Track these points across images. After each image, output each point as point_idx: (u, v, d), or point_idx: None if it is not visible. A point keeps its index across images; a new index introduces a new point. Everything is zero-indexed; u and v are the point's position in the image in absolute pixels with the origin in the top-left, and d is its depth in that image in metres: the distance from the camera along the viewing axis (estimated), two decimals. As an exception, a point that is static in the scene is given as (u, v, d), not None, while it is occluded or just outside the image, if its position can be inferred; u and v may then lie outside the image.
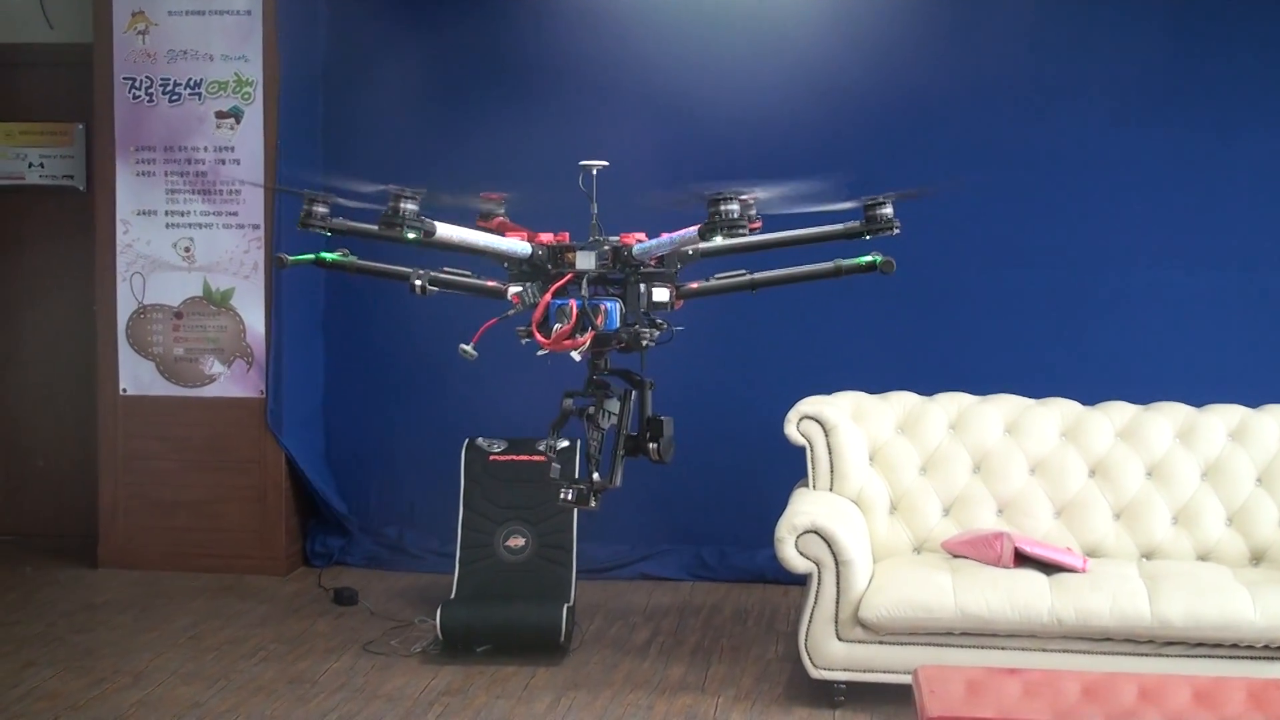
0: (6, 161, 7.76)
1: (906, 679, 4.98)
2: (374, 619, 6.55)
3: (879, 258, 3.78)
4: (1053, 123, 6.93)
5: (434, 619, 6.08)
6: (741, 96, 7.06)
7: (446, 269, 4.08)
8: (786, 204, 3.78)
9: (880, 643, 5.32)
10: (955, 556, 5.63)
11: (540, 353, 3.83)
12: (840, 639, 5.35)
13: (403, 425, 7.49)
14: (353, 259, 4.13)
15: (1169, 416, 5.97)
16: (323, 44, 7.42)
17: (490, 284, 4.00)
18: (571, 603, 6.19)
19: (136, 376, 7.31)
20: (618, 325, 3.84)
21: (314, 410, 7.53)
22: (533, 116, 7.20)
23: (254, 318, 7.20)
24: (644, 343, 3.89)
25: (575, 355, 3.81)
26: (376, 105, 7.38)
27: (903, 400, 6.13)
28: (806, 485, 5.94)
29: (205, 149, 7.15)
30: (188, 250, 7.23)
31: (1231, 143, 6.82)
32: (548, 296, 3.80)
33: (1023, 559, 5.46)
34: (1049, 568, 5.42)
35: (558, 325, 3.75)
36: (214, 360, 7.27)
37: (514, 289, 3.91)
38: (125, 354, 7.30)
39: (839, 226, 3.72)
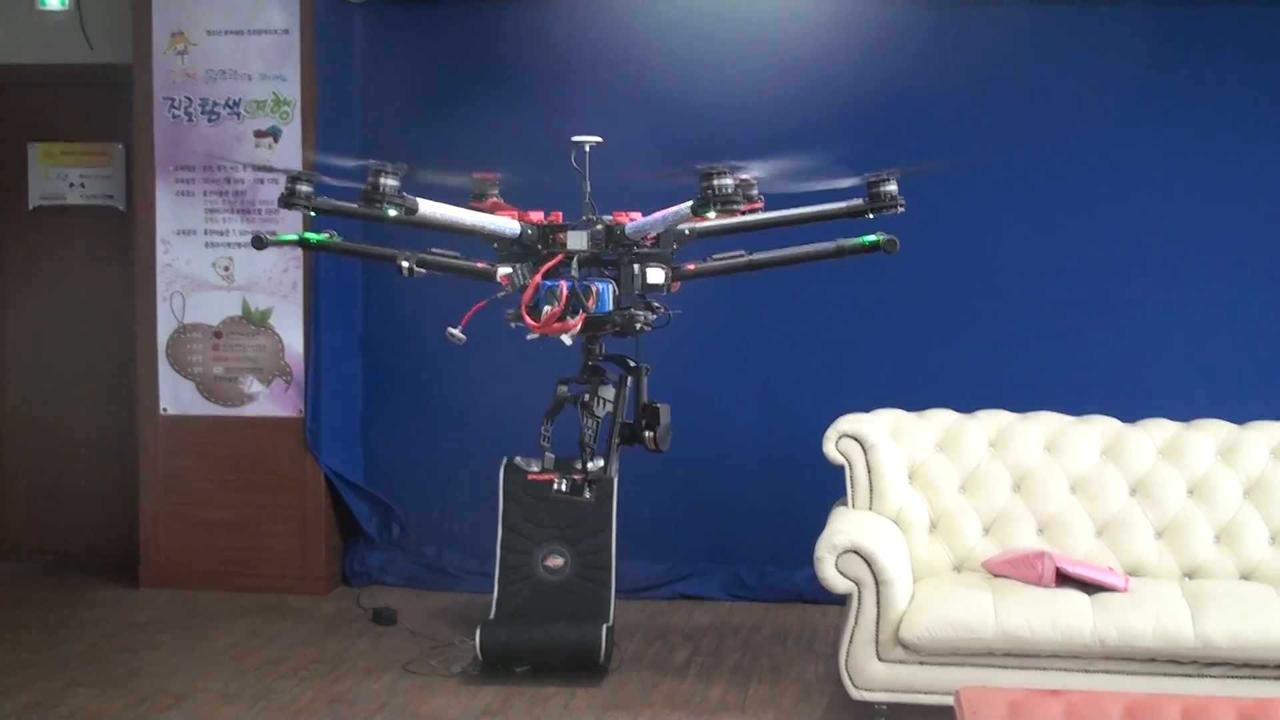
0: (47, 182, 7.86)
1: (947, 700, 5.00)
2: (413, 639, 6.59)
3: (882, 236, 3.70)
4: (1098, 137, 6.95)
5: (473, 639, 6.11)
6: (756, 100, 7.08)
7: (434, 250, 4.01)
8: (788, 181, 3.71)
9: (921, 663, 5.32)
10: (996, 576, 5.62)
11: (530, 336, 3.76)
12: (881, 659, 5.35)
13: (442, 444, 7.53)
14: (338, 240, 4.09)
15: (1211, 434, 5.95)
16: (360, 62, 7.47)
17: (479, 265, 3.91)
18: (610, 623, 6.20)
19: (177, 396, 7.38)
20: (610, 308, 3.75)
21: (353, 429, 7.57)
22: (567, 129, 7.23)
23: (293, 337, 7.26)
24: (638, 326, 3.81)
25: (566, 339, 3.72)
26: (414, 122, 7.42)
27: (942, 418, 6.13)
28: (845, 504, 5.95)
29: (244, 168, 7.21)
30: (227, 270, 7.29)
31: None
32: (537, 278, 3.70)
33: (1064, 578, 5.45)
34: (1091, 587, 5.41)
35: (548, 307, 3.66)
36: (253, 379, 7.33)
37: (503, 270, 3.81)
38: (165, 373, 7.37)
39: (841, 205, 3.62)
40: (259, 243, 4.01)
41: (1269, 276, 6.85)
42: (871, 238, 3.70)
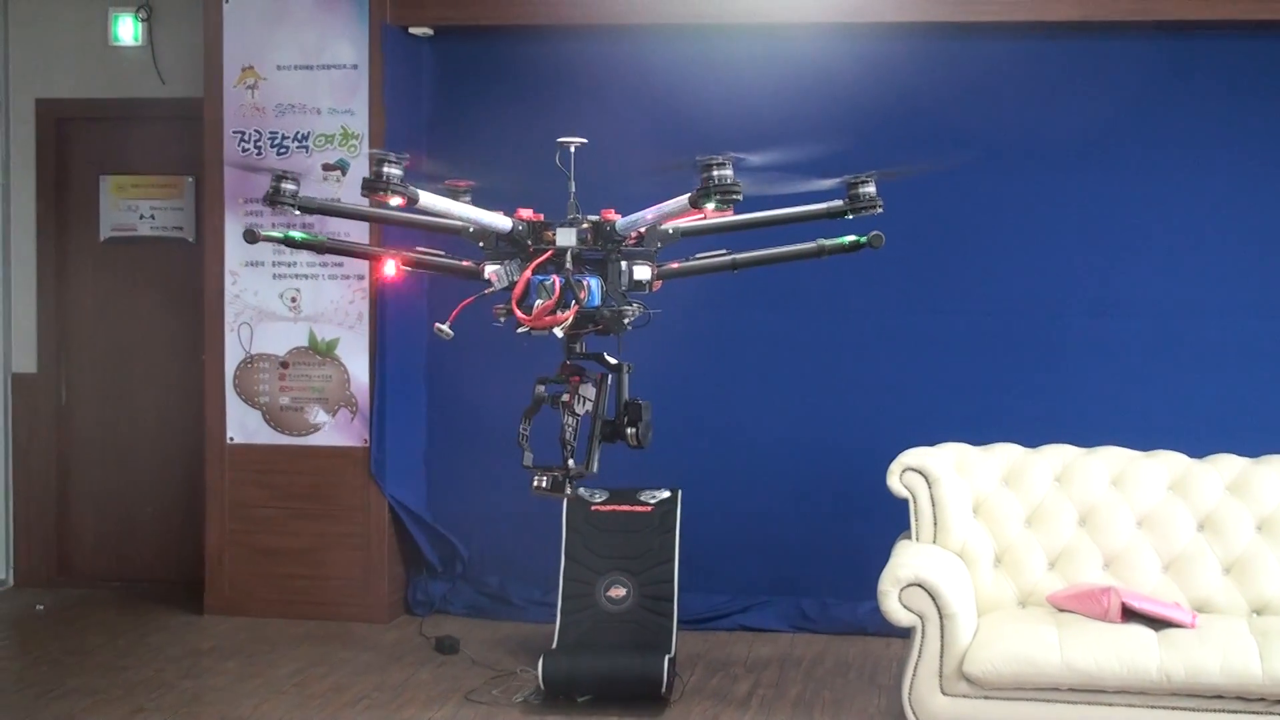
0: (119, 214, 7.97)
1: (1012, 735, 4.98)
2: (475, 668, 6.60)
3: (863, 237, 3.70)
4: (1165, 178, 6.98)
5: (536, 669, 6.12)
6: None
7: (419, 249, 4.06)
8: (771, 179, 3.71)
9: (985, 697, 5.28)
10: (1061, 611, 5.58)
11: (520, 329, 3.77)
12: (944, 693, 5.32)
13: (504, 475, 7.53)
14: (321, 238, 4.14)
15: (1276, 469, 5.89)
16: (426, 97, 7.55)
17: (465, 264, 3.95)
18: (673, 653, 6.20)
19: (243, 425, 7.45)
20: (599, 301, 3.77)
21: (416, 459, 7.62)
22: (625, 155, 7.29)
23: (358, 367, 7.32)
24: (625, 321, 3.83)
25: (558, 332, 3.74)
26: (478, 155, 7.48)
27: (1006, 452, 6.10)
28: (909, 537, 5.92)
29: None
30: (294, 300, 7.37)
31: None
32: (528, 273, 3.72)
33: (1130, 614, 5.40)
34: (1157, 623, 5.36)
35: (539, 301, 3.68)
36: (319, 409, 7.39)
37: (491, 267, 3.84)
38: (233, 403, 7.44)
39: (822, 206, 3.64)
40: (250, 236, 4.08)
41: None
42: (852, 238, 3.71)
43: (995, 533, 5.91)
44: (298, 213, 3.88)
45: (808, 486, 7.23)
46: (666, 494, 6.58)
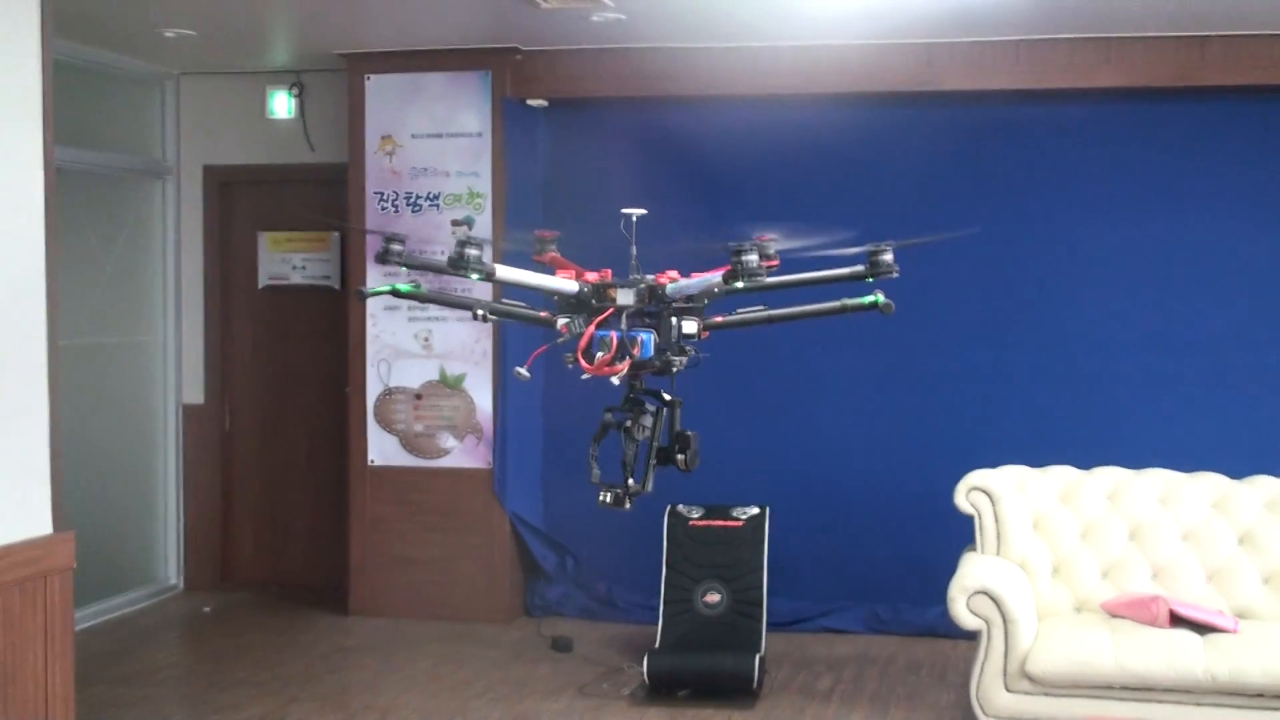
0: (274, 265, 8.10)
1: (1071, 728, 4.92)
2: (587, 664, 6.62)
3: (880, 298, 3.76)
4: (1192, 223, 6.92)
5: (641, 666, 6.14)
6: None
7: (504, 300, 4.21)
8: (806, 249, 3.81)
9: (1045, 694, 5.23)
10: (1114, 617, 5.51)
11: (584, 376, 3.91)
12: (1008, 690, 5.28)
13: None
14: (424, 290, 4.27)
15: (1308, 489, 5.82)
16: (543, 160, 7.61)
17: (542, 314, 4.07)
18: (762, 653, 6.19)
19: (382, 449, 7.52)
20: (651, 354, 3.90)
21: (534, 480, 7.65)
22: (724, 221, 7.33)
23: (483, 399, 7.38)
24: (674, 369, 3.96)
25: (614, 380, 3.87)
26: (590, 211, 7.53)
27: (1062, 473, 6.04)
28: (974, 550, 5.88)
29: (442, 253, 7.28)
30: (426, 340, 7.44)
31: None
32: (591, 328, 3.85)
33: (1177, 620, 5.33)
34: (1202, 628, 5.28)
35: (600, 353, 3.82)
36: (449, 435, 7.45)
37: (562, 320, 3.97)
38: (373, 430, 7.51)
39: (845, 270, 3.72)
40: (361, 295, 4.24)
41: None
42: (870, 298, 3.80)
43: (1053, 546, 5.85)
44: (405, 269, 4.03)
45: (882, 504, 7.19)
46: (756, 510, 6.58)
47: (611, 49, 7.16)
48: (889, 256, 3.65)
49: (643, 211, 4.04)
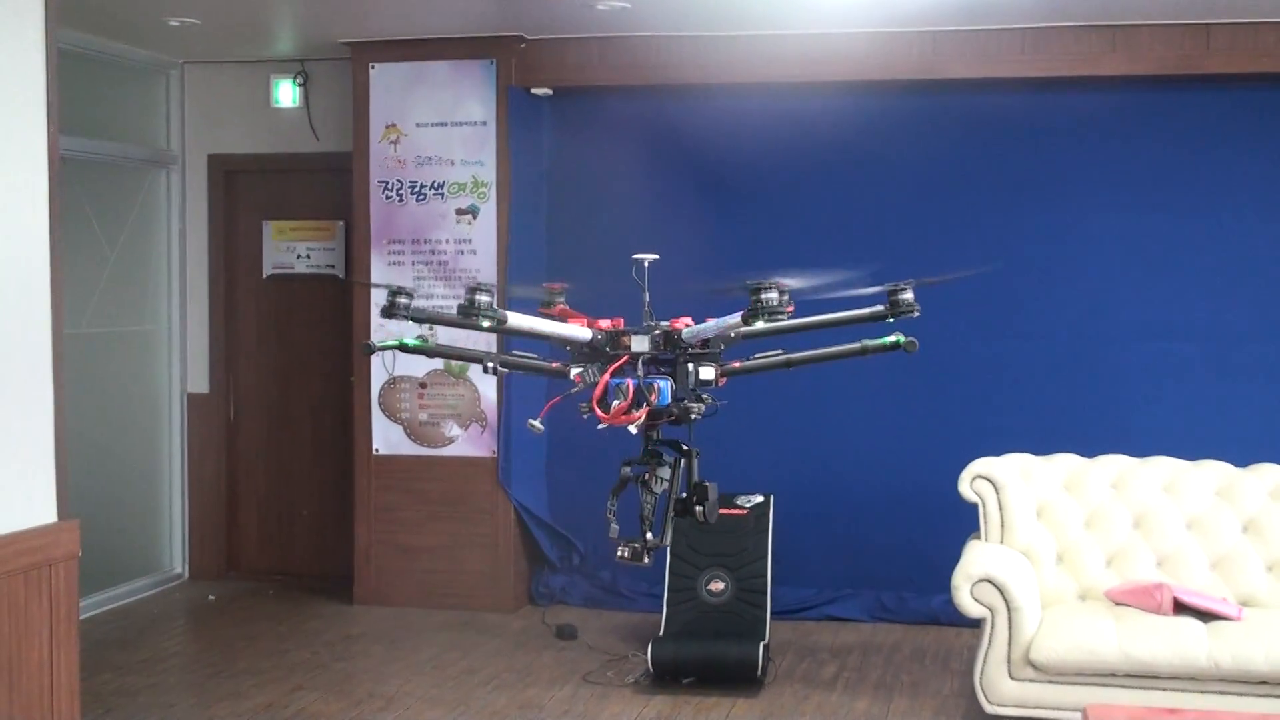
0: (279, 254, 8.10)
1: (1074, 716, 4.94)
2: (592, 652, 6.63)
3: (902, 338, 3.74)
4: (1192, 214, 6.92)
5: (645, 654, 6.16)
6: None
7: (515, 351, 4.17)
8: (821, 290, 3.77)
9: (1049, 682, 5.24)
10: (1118, 604, 5.52)
11: (600, 426, 3.88)
12: (1012, 678, 5.29)
13: (613, 481, 7.56)
14: (432, 343, 4.25)
15: (1315, 476, 5.82)
16: (547, 149, 7.61)
17: (554, 365, 4.06)
18: (766, 640, 6.20)
19: (387, 438, 7.53)
20: (669, 402, 3.86)
21: (538, 468, 7.64)
22: (729, 211, 7.34)
23: (487, 388, 7.38)
24: (692, 417, 3.92)
25: (632, 429, 3.83)
26: (593, 200, 7.56)
27: (1066, 462, 6.05)
28: (978, 538, 5.88)
29: (447, 241, 7.37)
30: (431, 330, 7.43)
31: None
32: (606, 376, 3.81)
33: (1181, 607, 5.34)
34: (1206, 616, 5.29)
35: (616, 402, 3.77)
36: (453, 424, 7.46)
37: (575, 369, 3.93)
38: (378, 419, 7.51)
39: (865, 311, 3.69)
40: (368, 350, 4.21)
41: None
42: (892, 339, 3.78)
43: (1057, 534, 5.86)
44: (412, 322, 4.00)
45: (886, 492, 7.20)
46: (760, 499, 6.58)
47: (616, 37, 7.16)
48: (909, 295, 3.61)
49: (654, 257, 4.02)
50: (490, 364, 4.03)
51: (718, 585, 6.43)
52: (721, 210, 7.35)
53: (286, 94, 7.93)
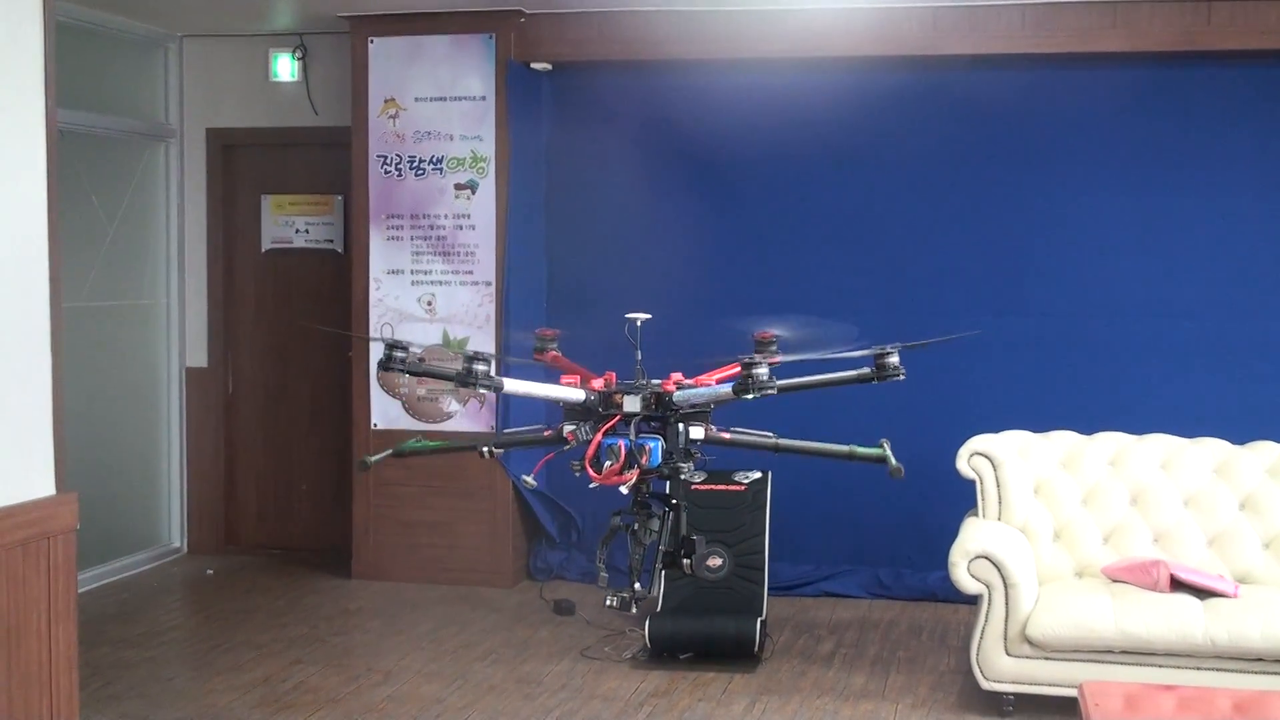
0: (278, 228, 8.09)
1: (1069, 692, 4.94)
2: (590, 628, 6.65)
3: (891, 460, 3.82)
4: (1194, 192, 6.91)
5: (643, 629, 6.17)
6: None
7: (506, 431, 4.26)
8: (810, 348, 3.84)
9: (1046, 658, 5.26)
10: (1114, 581, 5.53)
11: (592, 485, 3.94)
12: (1009, 654, 5.31)
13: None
14: (427, 444, 4.28)
15: (1310, 455, 5.83)
16: (546, 125, 7.59)
17: (546, 433, 4.11)
18: (764, 616, 6.22)
19: (385, 413, 7.53)
20: (660, 462, 3.91)
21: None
22: (727, 187, 7.33)
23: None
24: (682, 475, 4.00)
25: (623, 489, 3.90)
26: (592, 176, 7.55)
27: (1064, 439, 6.05)
28: (976, 514, 5.89)
29: (445, 216, 7.36)
30: (430, 304, 7.44)
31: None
32: (599, 436, 3.88)
33: (1178, 584, 5.35)
34: (1203, 593, 5.30)
35: (608, 463, 3.83)
36: (451, 399, 7.46)
37: (568, 427, 4.02)
38: (376, 394, 7.51)
39: (852, 373, 3.75)
40: (362, 465, 4.29)
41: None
42: (878, 452, 3.87)
43: (1054, 511, 5.87)
44: (407, 375, 4.04)
45: (884, 468, 7.18)
46: (758, 475, 6.59)
47: (616, 12, 7.13)
48: (895, 359, 3.69)
49: (647, 316, 4.08)
50: (486, 449, 4.16)
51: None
52: (719, 186, 7.35)
53: (285, 68, 7.90)
